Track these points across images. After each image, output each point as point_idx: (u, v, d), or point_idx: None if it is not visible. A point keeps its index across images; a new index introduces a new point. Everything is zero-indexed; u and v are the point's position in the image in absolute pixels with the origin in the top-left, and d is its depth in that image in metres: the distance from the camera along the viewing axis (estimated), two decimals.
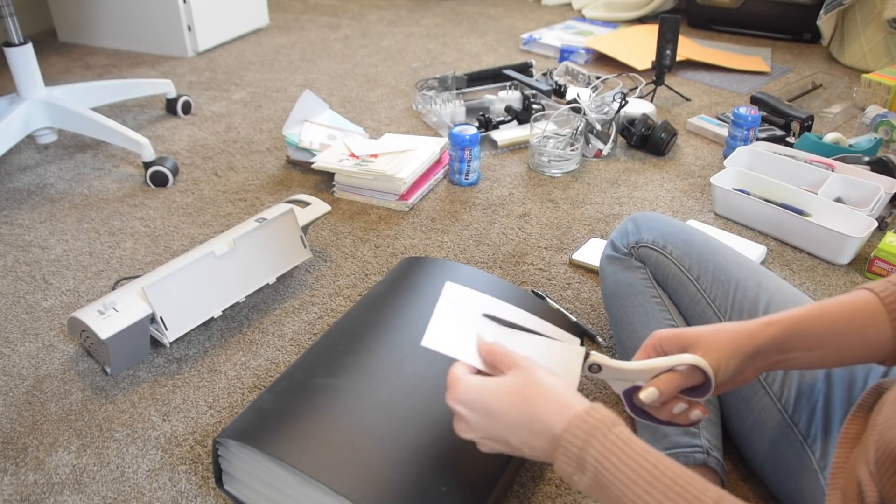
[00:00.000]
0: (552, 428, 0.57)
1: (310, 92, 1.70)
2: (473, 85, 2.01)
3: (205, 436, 0.95)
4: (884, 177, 1.41)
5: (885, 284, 0.66)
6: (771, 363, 0.67)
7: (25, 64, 1.59)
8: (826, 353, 0.66)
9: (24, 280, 1.26)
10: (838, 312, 0.66)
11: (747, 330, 0.66)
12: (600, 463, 0.54)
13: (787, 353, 0.66)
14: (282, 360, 1.08)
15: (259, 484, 0.79)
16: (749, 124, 1.59)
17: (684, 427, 0.72)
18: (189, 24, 2.33)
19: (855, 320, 0.65)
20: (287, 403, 0.80)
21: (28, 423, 0.97)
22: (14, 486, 0.88)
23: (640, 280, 0.96)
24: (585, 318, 1.16)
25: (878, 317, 0.65)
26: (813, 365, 0.68)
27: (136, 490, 0.87)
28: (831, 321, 0.66)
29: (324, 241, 1.37)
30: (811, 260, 1.31)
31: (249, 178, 1.61)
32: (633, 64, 2.16)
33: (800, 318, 0.66)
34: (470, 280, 0.99)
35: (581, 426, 0.56)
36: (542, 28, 2.61)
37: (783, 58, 2.35)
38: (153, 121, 1.91)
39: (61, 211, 1.48)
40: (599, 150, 1.68)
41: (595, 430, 0.55)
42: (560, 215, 1.45)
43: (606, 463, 0.54)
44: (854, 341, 0.65)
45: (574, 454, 0.55)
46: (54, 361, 1.08)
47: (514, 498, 0.86)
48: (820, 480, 0.72)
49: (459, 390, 0.63)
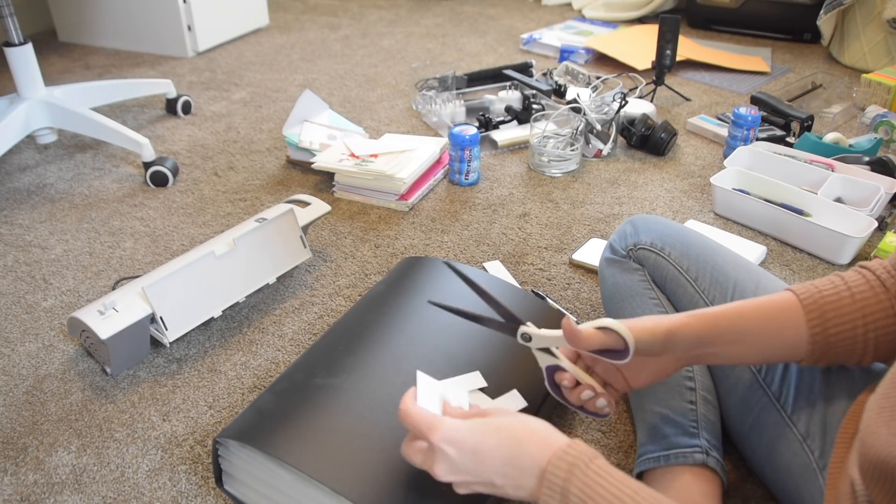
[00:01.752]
0: (539, 463, 0.59)
1: (310, 92, 1.70)
2: (473, 85, 2.01)
3: (205, 436, 0.95)
4: (884, 177, 1.41)
5: (807, 287, 0.69)
6: (692, 356, 0.71)
7: (25, 64, 1.59)
8: (745, 350, 0.69)
9: (24, 280, 1.26)
10: (759, 312, 0.69)
11: (670, 321, 0.70)
12: (584, 493, 0.56)
13: (707, 347, 0.69)
14: (282, 360, 1.08)
15: (259, 484, 0.79)
16: (749, 124, 1.59)
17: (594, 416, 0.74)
18: (189, 24, 2.33)
19: (774, 320, 0.69)
20: (287, 403, 0.80)
21: (28, 423, 0.97)
22: (14, 486, 0.88)
23: (639, 282, 0.96)
24: (585, 318, 1.16)
25: (796, 318, 0.68)
26: (733, 361, 0.71)
27: (136, 490, 0.87)
28: (751, 320, 0.69)
29: (324, 241, 1.38)
30: (811, 260, 1.31)
31: (249, 178, 1.61)
32: (633, 64, 2.16)
33: (721, 315, 0.69)
34: None
35: (564, 458, 0.58)
36: (542, 28, 2.61)
37: (783, 58, 2.35)
38: (153, 121, 1.91)
39: (61, 211, 1.48)
40: (599, 150, 1.68)
41: (577, 461, 0.57)
42: (560, 215, 1.45)
43: (590, 492, 0.56)
44: (772, 341, 0.69)
45: (558, 487, 0.57)
46: (54, 361, 1.08)
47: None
48: (819, 480, 0.72)
49: (446, 429, 0.61)
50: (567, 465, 0.57)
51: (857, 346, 0.69)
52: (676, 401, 0.85)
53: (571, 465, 0.57)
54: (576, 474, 0.57)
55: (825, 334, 0.68)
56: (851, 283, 0.70)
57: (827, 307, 0.68)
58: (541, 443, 0.60)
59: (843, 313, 0.68)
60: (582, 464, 0.57)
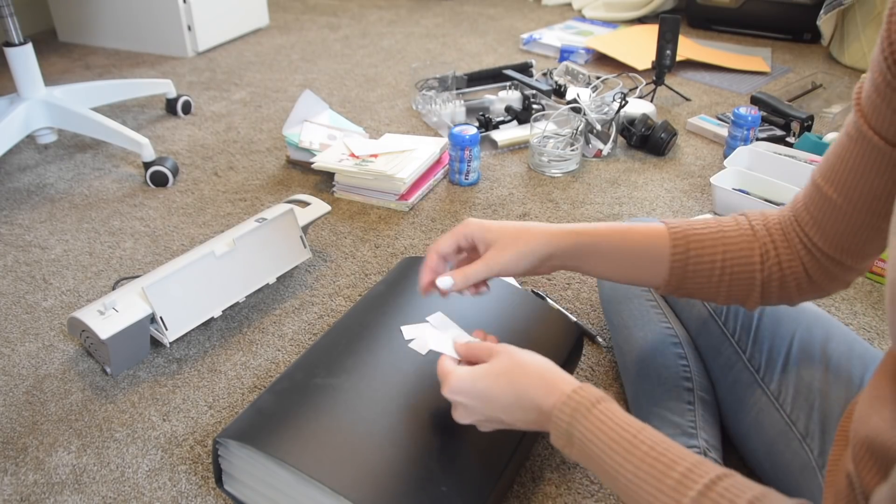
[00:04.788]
0: (539, 404, 0.63)
1: (310, 92, 1.70)
2: (473, 85, 2.01)
3: (205, 436, 0.95)
4: None
5: (679, 221, 0.73)
6: (568, 266, 0.76)
7: (25, 64, 1.59)
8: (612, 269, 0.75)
9: (24, 280, 1.27)
10: (631, 237, 0.73)
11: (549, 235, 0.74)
12: (585, 437, 0.59)
13: (581, 261, 0.75)
14: (282, 360, 1.08)
15: (259, 484, 0.79)
16: (749, 124, 1.59)
17: None
18: (189, 24, 2.34)
19: (641, 246, 0.73)
20: (287, 403, 0.80)
21: (28, 423, 0.97)
22: (14, 486, 0.88)
23: None
24: (585, 318, 1.16)
25: (661, 245, 0.72)
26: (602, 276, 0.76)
27: (136, 490, 0.87)
28: (621, 242, 0.73)
29: (324, 241, 1.38)
30: None
31: (249, 178, 1.61)
32: (633, 64, 2.16)
33: (597, 234, 0.74)
34: None
35: (568, 403, 0.61)
36: (542, 28, 2.61)
37: (783, 58, 2.35)
38: (153, 121, 1.91)
39: (61, 211, 1.48)
40: (599, 150, 1.68)
41: (580, 406, 0.61)
42: (560, 215, 1.45)
43: (590, 436, 0.59)
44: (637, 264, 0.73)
45: (563, 430, 0.61)
46: (54, 361, 1.08)
47: (514, 498, 0.86)
48: (818, 479, 0.72)
49: (453, 382, 0.68)
50: (571, 408, 0.61)
51: (712, 281, 0.71)
52: (674, 401, 0.85)
53: (575, 408, 0.61)
54: (578, 417, 0.60)
55: (685, 262, 0.71)
56: (723, 222, 0.72)
57: (692, 238, 0.71)
58: (539, 384, 0.64)
59: (705, 245, 0.71)
60: (584, 408, 0.60)
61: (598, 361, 1.07)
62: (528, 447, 0.85)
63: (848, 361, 0.78)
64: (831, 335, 0.81)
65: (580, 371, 1.05)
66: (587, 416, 0.60)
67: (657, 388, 0.87)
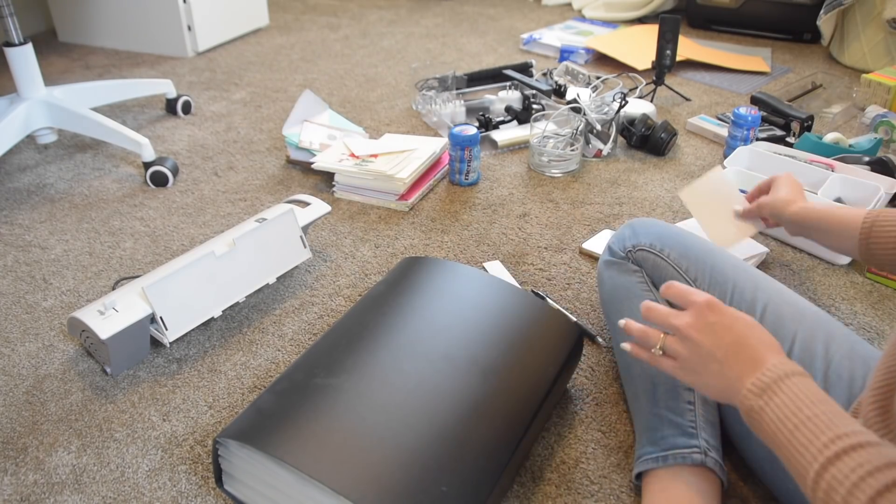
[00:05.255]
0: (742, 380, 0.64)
1: (310, 92, 1.70)
2: (473, 85, 2.01)
3: (205, 436, 0.95)
4: (884, 177, 1.41)
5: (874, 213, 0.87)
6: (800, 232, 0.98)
7: (25, 64, 1.59)
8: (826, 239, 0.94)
9: (24, 280, 1.27)
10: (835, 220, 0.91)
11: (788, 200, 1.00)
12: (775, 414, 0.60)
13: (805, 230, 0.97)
14: (282, 360, 1.08)
15: (259, 484, 0.79)
16: (749, 124, 1.59)
17: None
18: (189, 24, 2.34)
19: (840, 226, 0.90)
20: (287, 403, 0.80)
21: (28, 423, 0.97)
22: (14, 486, 0.88)
23: (637, 283, 0.97)
24: (585, 318, 1.16)
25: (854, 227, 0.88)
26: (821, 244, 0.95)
27: (136, 490, 0.87)
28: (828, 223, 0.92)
29: (324, 241, 1.38)
30: (811, 260, 1.31)
31: (249, 178, 1.61)
32: (633, 64, 2.16)
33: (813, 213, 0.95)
34: (469, 280, 0.99)
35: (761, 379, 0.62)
36: (542, 28, 2.61)
37: (783, 58, 2.35)
38: (153, 121, 1.91)
39: (61, 211, 1.48)
40: (599, 150, 1.68)
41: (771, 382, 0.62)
42: (560, 215, 1.45)
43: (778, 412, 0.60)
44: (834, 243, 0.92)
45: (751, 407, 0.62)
46: (54, 361, 1.08)
47: (514, 498, 0.86)
48: None
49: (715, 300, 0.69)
50: (762, 384, 0.62)
51: None
52: (675, 401, 0.85)
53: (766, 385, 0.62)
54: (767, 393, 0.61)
55: (868, 241, 0.86)
56: None
57: (878, 221, 0.86)
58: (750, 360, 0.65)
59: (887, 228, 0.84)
60: (773, 384, 0.61)
61: (598, 361, 1.07)
62: (528, 447, 0.85)
63: (850, 362, 0.78)
64: (833, 336, 0.81)
65: (580, 371, 1.05)
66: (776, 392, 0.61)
67: (657, 388, 0.87)
